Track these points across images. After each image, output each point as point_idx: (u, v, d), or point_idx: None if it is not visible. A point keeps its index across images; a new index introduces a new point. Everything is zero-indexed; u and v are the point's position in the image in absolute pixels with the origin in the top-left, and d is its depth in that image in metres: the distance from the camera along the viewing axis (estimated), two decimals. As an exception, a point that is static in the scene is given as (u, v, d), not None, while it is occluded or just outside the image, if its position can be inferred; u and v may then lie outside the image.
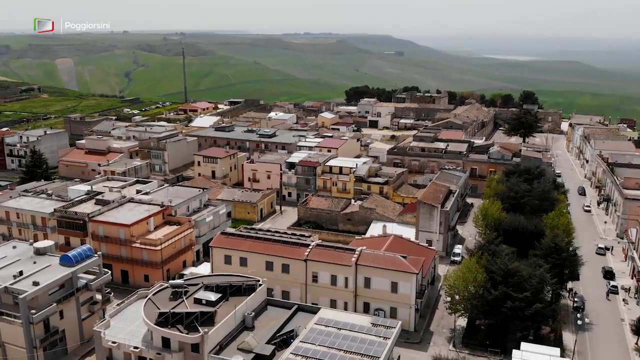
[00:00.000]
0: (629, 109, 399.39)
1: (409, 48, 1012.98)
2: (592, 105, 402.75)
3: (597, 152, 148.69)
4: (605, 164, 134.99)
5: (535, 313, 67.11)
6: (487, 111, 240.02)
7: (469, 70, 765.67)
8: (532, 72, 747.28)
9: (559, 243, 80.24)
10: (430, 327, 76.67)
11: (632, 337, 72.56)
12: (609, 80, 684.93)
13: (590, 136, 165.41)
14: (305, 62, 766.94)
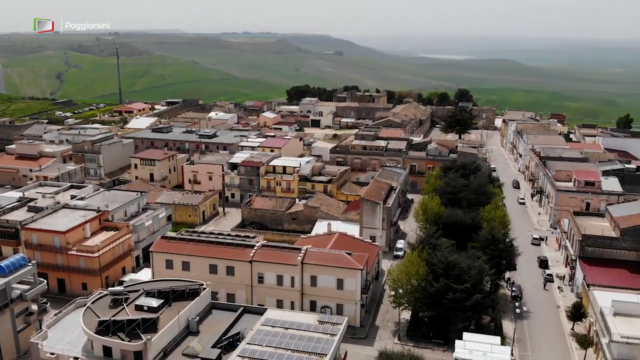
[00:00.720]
0: (559, 104, 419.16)
1: (347, 48, 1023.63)
2: (524, 101, 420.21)
3: (530, 147, 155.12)
4: (538, 157, 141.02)
5: (476, 303, 69.24)
6: (424, 109, 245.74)
7: (407, 70, 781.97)
8: (467, 71, 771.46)
9: (496, 235, 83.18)
10: (375, 321, 77.71)
11: (568, 323, 76.05)
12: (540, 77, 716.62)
13: (523, 131, 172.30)
14: (244, 61, 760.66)
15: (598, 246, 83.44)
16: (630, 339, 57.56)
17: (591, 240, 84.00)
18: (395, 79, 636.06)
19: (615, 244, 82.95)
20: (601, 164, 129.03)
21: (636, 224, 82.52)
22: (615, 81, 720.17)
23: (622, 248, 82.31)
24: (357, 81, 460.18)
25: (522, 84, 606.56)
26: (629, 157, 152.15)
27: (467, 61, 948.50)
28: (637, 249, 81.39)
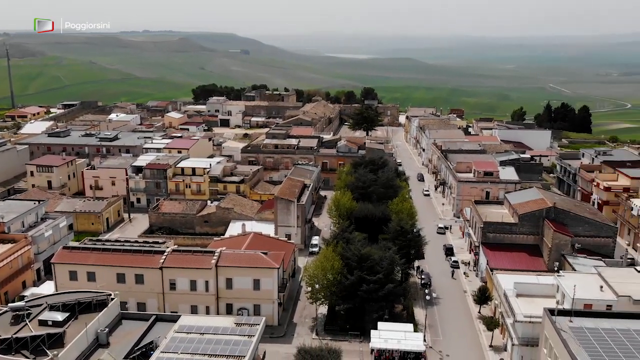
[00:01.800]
0: (457, 100, 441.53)
1: (254, 47, 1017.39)
2: (425, 98, 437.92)
3: (432, 141, 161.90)
4: (440, 151, 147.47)
5: (388, 293, 71.24)
6: (333, 107, 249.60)
7: (314, 69, 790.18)
8: (371, 70, 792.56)
9: (404, 226, 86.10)
10: (293, 319, 77.77)
11: (475, 306, 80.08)
12: (439, 74, 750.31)
13: (425, 127, 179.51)
14: (146, 60, 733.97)
15: (498, 232, 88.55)
16: (533, 318, 61.49)
17: (492, 226, 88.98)
18: (303, 77, 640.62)
19: (514, 229, 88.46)
20: (498, 155, 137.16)
21: (532, 210, 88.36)
22: (509, 77, 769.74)
23: (520, 233, 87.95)
24: (266, 80, 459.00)
25: (423, 81, 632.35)
26: (524, 147, 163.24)
27: (371, 60, 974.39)
28: (534, 233, 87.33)
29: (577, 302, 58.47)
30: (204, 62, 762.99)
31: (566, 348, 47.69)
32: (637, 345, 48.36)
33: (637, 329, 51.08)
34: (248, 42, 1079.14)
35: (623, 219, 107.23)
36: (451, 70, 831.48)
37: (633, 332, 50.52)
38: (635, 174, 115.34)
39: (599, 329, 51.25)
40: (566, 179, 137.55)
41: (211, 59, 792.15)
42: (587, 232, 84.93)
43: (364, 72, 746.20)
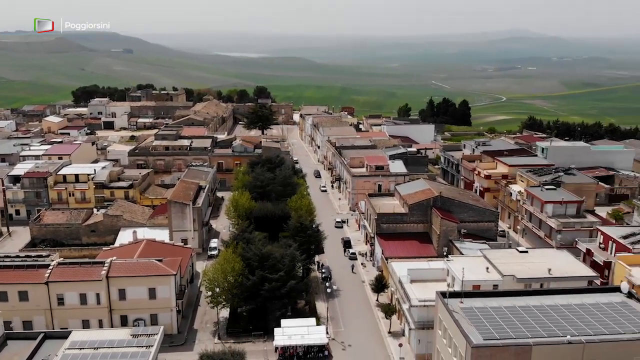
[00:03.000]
0: (348, 98, 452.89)
1: (138, 46, 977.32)
2: (317, 97, 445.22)
3: (326, 138, 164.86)
4: (334, 148, 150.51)
5: (291, 290, 71.53)
6: (225, 107, 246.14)
7: (204, 68, 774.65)
8: (262, 68, 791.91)
9: (304, 222, 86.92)
10: (194, 325, 75.66)
11: (373, 295, 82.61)
12: (330, 73, 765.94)
13: (319, 124, 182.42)
14: (19, 62, 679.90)
15: (391, 222, 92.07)
16: (427, 302, 64.52)
17: (385, 217, 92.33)
18: (192, 76, 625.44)
19: (405, 218, 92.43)
20: (388, 150, 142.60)
21: (420, 200, 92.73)
22: (394, 75, 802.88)
23: (411, 222, 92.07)
24: (152, 79, 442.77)
25: (314, 80, 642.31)
26: (410, 141, 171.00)
27: (262, 59, 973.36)
28: (423, 222, 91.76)
29: (466, 284, 62.11)
30: (84, 62, 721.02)
31: (459, 328, 50.53)
32: (522, 320, 52.34)
33: (521, 305, 55.26)
34: (131, 40, 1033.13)
35: (503, 204, 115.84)
36: (340, 69, 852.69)
37: (518, 308, 54.61)
38: (512, 162, 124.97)
39: (488, 307, 54.83)
40: (450, 170, 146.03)
41: (92, 59, 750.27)
42: (472, 218, 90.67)
43: (256, 71, 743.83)
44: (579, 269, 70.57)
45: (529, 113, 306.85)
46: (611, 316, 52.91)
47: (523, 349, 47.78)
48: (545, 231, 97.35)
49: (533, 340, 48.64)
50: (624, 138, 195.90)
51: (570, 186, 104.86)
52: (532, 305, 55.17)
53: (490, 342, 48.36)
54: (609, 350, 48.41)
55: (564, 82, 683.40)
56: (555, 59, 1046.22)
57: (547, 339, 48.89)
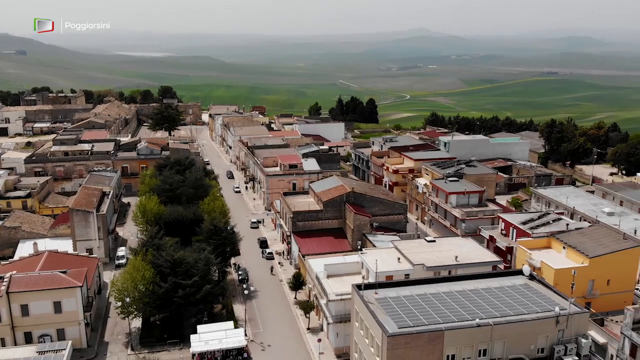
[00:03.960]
0: (258, 97, 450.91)
1: (32, 47, 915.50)
2: (227, 96, 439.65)
3: (238, 138, 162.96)
4: (246, 147, 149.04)
5: (206, 294, 69.92)
6: (128, 108, 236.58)
7: (104, 68, 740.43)
8: (168, 68, 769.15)
9: (218, 225, 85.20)
10: (104, 337, 72.06)
11: (291, 293, 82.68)
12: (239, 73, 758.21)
13: (230, 124, 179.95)
14: None
15: (307, 220, 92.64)
16: (344, 296, 65.52)
17: (301, 215, 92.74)
18: (91, 78, 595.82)
19: (320, 215, 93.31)
20: (300, 148, 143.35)
21: (334, 196, 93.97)
22: (303, 74, 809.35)
23: (326, 218, 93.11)
24: (48, 82, 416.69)
25: (223, 79, 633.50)
26: (322, 139, 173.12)
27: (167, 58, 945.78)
28: (338, 217, 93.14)
29: (380, 275, 63.73)
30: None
31: (374, 318, 51.68)
32: (433, 306, 54.42)
33: (432, 292, 57.47)
34: (24, 41, 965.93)
35: (411, 196, 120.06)
36: (249, 68, 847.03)
37: (429, 296, 56.74)
38: (418, 156, 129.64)
39: (401, 296, 56.53)
40: (361, 166, 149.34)
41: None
42: (382, 212, 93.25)
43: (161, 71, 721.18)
44: (484, 255, 74.57)
45: (432, 109, 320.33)
46: (515, 298, 56.31)
47: (436, 334, 49.69)
48: (450, 221, 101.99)
49: (445, 325, 50.70)
50: (519, 130, 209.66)
51: (472, 177, 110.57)
52: (442, 292, 57.55)
53: (405, 330, 49.87)
54: (515, 330, 51.46)
55: (463, 79, 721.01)
56: (455, 57, 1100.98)
57: (457, 324, 51.15)
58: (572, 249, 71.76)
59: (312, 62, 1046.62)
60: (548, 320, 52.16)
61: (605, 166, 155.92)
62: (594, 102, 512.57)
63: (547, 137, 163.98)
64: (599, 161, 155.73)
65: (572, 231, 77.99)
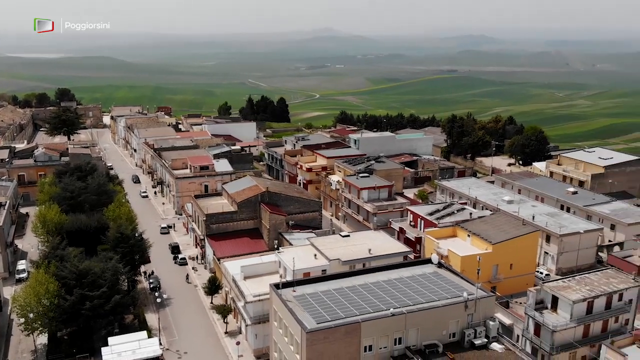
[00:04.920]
0: (163, 98, 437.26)
1: None
2: (129, 97, 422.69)
3: (143, 141, 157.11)
4: (153, 150, 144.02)
5: (116, 305, 66.86)
6: (23, 113, 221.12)
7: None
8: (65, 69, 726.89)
9: (125, 232, 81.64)
10: (7, 356, 67.00)
11: (207, 298, 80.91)
12: (141, 72, 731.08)
13: (134, 126, 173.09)
14: None
15: (221, 222, 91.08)
16: (261, 296, 65.06)
17: (214, 218, 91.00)
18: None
19: (235, 217, 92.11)
20: (211, 149, 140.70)
21: (248, 197, 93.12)
22: (210, 73, 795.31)
23: (241, 219, 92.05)
24: None
25: (125, 80, 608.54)
26: (234, 139, 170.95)
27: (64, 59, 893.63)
28: (253, 218, 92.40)
29: (297, 273, 63.94)
30: None
31: (293, 316, 51.75)
32: (349, 299, 55.35)
33: (348, 286, 58.42)
34: None
35: (325, 193, 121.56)
36: (153, 67, 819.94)
37: (345, 289, 57.63)
38: (330, 154, 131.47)
39: (318, 292, 57.00)
40: (274, 165, 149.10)
41: None
42: (298, 210, 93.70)
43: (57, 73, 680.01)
44: (395, 246, 76.99)
45: (341, 108, 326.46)
46: (426, 286, 58.53)
47: (353, 326, 50.58)
48: (363, 215, 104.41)
49: (361, 317, 51.74)
50: (423, 126, 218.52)
51: (381, 172, 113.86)
52: (358, 285, 58.69)
53: (323, 325, 50.34)
54: (427, 317, 53.48)
55: (369, 78, 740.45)
56: (360, 57, 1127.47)
57: (373, 314, 52.38)
58: (476, 237, 75.74)
59: (219, 61, 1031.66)
60: (457, 305, 54.66)
61: (503, 157, 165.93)
62: (490, 97, 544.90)
63: (449, 131, 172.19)
64: (497, 153, 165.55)
65: (476, 220, 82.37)
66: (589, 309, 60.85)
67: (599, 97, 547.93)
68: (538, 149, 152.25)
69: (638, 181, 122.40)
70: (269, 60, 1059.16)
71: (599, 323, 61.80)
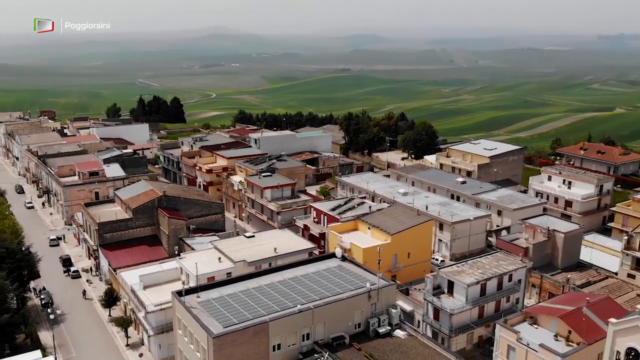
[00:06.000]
0: (45, 101, 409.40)
1: None
2: (8, 102, 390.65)
3: (26, 148, 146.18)
4: (37, 157, 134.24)
5: (4, 325, 61.72)
6: None
7: None
8: None
9: (10, 246, 75.60)
10: None
11: (105, 310, 76.75)
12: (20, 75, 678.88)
13: (15, 133, 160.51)
14: None
15: (115, 230, 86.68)
16: (163, 305, 62.76)
17: (107, 226, 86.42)
18: None
19: (130, 224, 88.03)
20: (101, 153, 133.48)
21: (144, 202, 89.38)
22: (97, 74, 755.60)
23: (137, 226, 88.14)
24: None
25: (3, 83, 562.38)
26: (125, 143, 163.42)
27: None
28: (150, 224, 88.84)
29: (201, 278, 62.39)
30: None
31: (198, 322, 50.48)
32: (256, 300, 54.95)
33: (254, 287, 57.97)
34: None
35: (227, 195, 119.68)
36: (34, 70, 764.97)
37: (252, 290, 57.14)
38: (230, 154, 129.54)
39: (224, 296, 56.02)
40: (171, 168, 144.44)
41: None
42: (199, 213, 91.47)
43: None
44: (300, 243, 77.58)
45: (239, 107, 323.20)
46: (331, 280, 59.53)
47: (260, 327, 50.29)
48: (267, 215, 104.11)
49: (269, 316, 51.59)
50: (321, 124, 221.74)
51: (284, 171, 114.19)
52: (265, 285, 58.46)
53: (230, 329, 49.59)
54: (334, 310, 54.41)
55: (266, 77, 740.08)
56: (255, 55, 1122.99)
57: (281, 313, 52.41)
58: (376, 229, 78.19)
59: (106, 61, 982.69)
60: (361, 296, 56.17)
61: (397, 152, 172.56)
62: (383, 95, 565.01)
63: (346, 129, 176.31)
64: (391, 148, 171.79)
65: (375, 212, 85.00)
66: (482, 291, 64.93)
67: (482, 91, 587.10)
68: (428, 143, 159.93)
69: (520, 169, 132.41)
70: (160, 59, 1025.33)
71: (492, 304, 66.17)
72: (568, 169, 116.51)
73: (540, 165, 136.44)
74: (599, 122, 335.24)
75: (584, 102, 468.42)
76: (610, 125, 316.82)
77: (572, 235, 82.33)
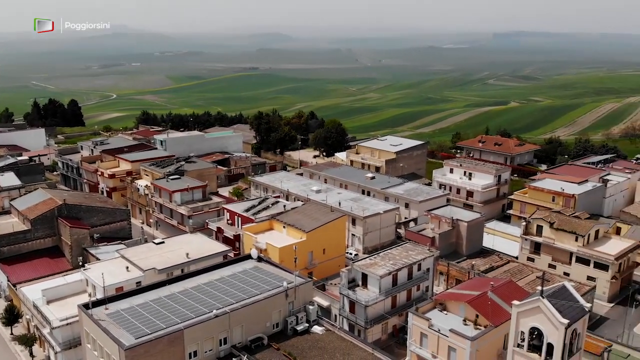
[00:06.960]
0: None
1: None
2: None
3: None
4: None
5: None
6: None
7: None
8: None
9: None
10: None
11: (6, 329, 71.31)
12: None
13: None
14: None
15: (13, 243, 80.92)
16: (70, 319, 59.21)
17: (4, 239, 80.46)
18: None
19: (29, 236, 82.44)
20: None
21: (43, 212, 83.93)
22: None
23: (36, 238, 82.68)
24: None
25: None
26: (20, 149, 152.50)
27: None
28: (51, 235, 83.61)
29: (108, 289, 59.53)
30: None
31: (108, 335, 48.18)
32: (169, 308, 53.29)
33: (167, 295, 56.17)
34: None
35: (133, 200, 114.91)
36: None
37: (164, 299, 55.31)
38: (134, 157, 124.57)
39: (135, 306, 53.81)
40: (71, 174, 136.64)
41: None
42: (103, 221, 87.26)
43: None
44: (214, 246, 76.03)
45: (142, 108, 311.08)
46: (248, 281, 58.96)
47: (175, 335, 48.85)
48: (177, 219, 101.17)
49: (184, 324, 50.21)
50: (231, 124, 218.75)
51: (193, 173, 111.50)
52: (177, 292, 56.85)
53: (143, 340, 47.75)
54: (251, 312, 53.92)
55: (170, 77, 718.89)
56: (158, 54, 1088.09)
57: (196, 319, 51.18)
58: (291, 227, 78.42)
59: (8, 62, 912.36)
60: (278, 296, 56.14)
61: (309, 150, 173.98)
62: (291, 93, 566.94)
63: (257, 128, 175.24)
64: (303, 146, 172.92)
65: (289, 211, 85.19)
66: (394, 282, 67.01)
67: (387, 89, 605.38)
68: (338, 141, 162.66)
69: (424, 163, 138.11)
70: (54, 60, 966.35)
71: (404, 293, 68.47)
72: (468, 161, 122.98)
73: (443, 158, 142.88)
74: (495, 115, 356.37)
75: (481, 97, 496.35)
76: (505, 118, 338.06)
77: (475, 224, 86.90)
